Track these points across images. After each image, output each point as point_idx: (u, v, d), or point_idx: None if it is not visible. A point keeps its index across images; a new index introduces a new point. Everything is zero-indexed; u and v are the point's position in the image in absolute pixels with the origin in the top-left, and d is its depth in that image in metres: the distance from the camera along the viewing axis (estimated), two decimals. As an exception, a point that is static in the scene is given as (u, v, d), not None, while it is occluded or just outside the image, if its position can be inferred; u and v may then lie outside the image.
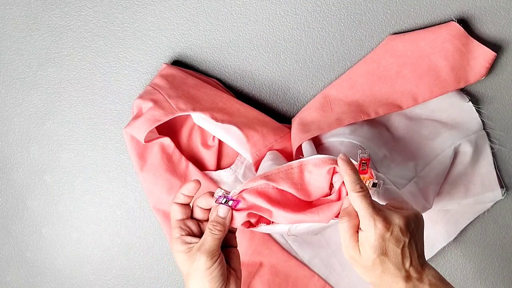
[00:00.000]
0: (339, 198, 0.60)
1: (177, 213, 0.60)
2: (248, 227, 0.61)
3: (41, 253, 0.83)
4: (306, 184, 0.61)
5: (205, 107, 0.71)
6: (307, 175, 0.61)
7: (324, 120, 0.72)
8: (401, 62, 0.73)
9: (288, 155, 0.73)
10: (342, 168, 0.58)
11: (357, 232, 0.57)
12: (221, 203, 0.59)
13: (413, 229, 0.57)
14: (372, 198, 0.59)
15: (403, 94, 0.73)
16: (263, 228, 0.62)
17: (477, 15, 0.75)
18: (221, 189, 0.60)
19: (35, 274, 0.83)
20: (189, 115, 0.75)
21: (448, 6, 0.74)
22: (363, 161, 0.60)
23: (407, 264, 0.56)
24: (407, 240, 0.56)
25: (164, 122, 0.70)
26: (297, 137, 0.72)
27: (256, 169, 0.72)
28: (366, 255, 0.56)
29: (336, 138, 0.73)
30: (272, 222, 0.61)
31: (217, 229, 0.58)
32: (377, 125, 0.76)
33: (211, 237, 0.57)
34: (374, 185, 0.61)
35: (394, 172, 0.74)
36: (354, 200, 0.57)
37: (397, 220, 0.56)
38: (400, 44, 0.73)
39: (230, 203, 0.59)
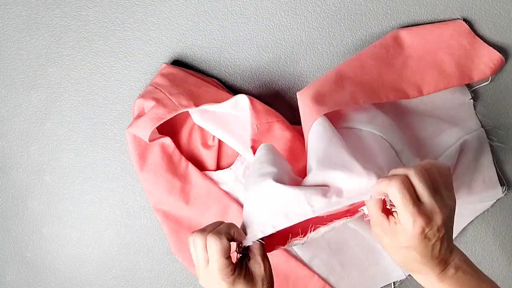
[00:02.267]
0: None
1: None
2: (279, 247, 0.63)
3: (41, 253, 0.83)
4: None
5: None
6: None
7: (338, 95, 0.69)
8: (407, 54, 0.73)
9: (287, 148, 0.72)
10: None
11: (386, 212, 0.57)
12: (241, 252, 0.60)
13: (448, 223, 0.57)
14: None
15: (409, 84, 0.73)
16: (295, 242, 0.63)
17: (478, 16, 0.75)
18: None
19: (35, 274, 0.83)
20: (189, 115, 0.75)
21: (448, 7, 0.74)
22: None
23: (436, 254, 0.57)
24: (441, 235, 0.56)
25: (164, 122, 0.70)
26: (313, 109, 0.66)
27: (254, 152, 0.69)
28: (400, 243, 0.56)
29: (354, 125, 0.72)
30: (302, 237, 0.63)
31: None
32: (390, 115, 0.76)
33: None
34: None
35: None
36: (392, 191, 0.54)
37: (438, 220, 0.55)
38: (407, 37, 0.74)
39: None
